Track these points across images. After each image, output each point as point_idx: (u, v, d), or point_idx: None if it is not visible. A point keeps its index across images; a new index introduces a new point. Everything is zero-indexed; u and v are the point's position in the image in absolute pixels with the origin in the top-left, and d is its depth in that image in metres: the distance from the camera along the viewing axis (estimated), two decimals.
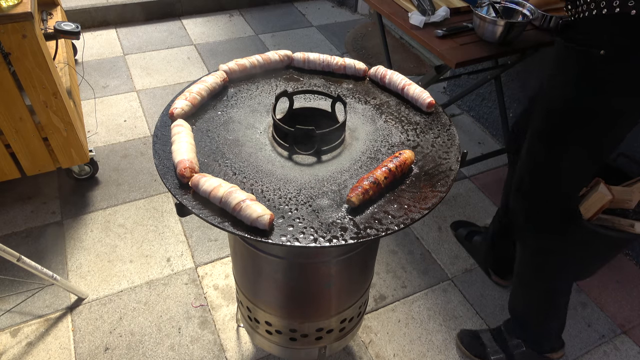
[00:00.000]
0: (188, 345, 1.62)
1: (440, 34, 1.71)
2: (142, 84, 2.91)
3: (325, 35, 3.58)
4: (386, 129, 1.05)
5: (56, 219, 2.03)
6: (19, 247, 1.89)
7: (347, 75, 1.21)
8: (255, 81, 1.18)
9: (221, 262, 1.91)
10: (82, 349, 1.60)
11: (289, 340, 1.25)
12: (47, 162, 1.94)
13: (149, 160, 2.34)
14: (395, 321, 1.74)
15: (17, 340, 1.61)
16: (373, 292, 1.82)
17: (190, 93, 1.04)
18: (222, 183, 0.82)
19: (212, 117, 1.05)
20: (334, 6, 4.02)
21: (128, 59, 3.13)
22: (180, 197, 0.84)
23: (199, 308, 1.74)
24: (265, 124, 1.05)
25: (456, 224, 2.10)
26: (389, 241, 2.03)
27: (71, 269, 1.84)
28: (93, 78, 2.92)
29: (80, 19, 3.29)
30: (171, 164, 0.90)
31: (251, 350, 1.63)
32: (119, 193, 2.17)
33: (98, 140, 2.46)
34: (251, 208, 0.78)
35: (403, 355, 1.63)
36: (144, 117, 2.65)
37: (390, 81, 1.14)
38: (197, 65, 3.12)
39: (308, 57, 1.20)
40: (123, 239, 1.97)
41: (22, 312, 1.69)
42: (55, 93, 1.73)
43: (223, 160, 0.94)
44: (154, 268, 1.87)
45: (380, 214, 0.83)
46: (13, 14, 1.49)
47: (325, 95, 1.06)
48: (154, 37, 3.39)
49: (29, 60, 1.60)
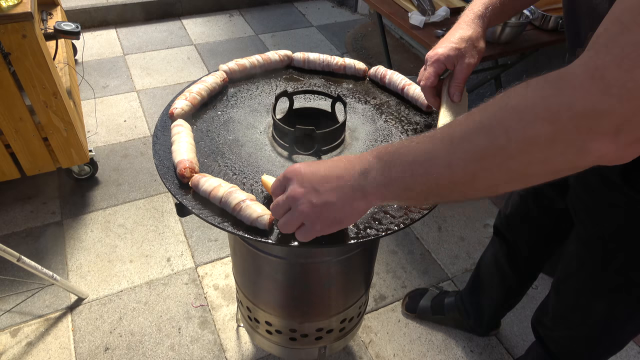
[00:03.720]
0: (188, 345, 1.62)
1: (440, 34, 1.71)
2: (142, 84, 2.91)
3: (325, 35, 3.58)
4: (386, 129, 1.05)
5: (56, 219, 2.03)
6: (19, 247, 1.88)
7: (347, 75, 1.21)
8: (255, 81, 1.18)
9: (221, 262, 1.91)
10: (82, 349, 1.60)
11: (289, 340, 1.25)
12: (47, 162, 1.94)
13: (149, 160, 2.34)
14: (395, 321, 1.74)
15: (17, 340, 1.61)
16: (373, 292, 1.82)
17: (190, 93, 1.04)
18: (222, 183, 0.82)
19: (212, 117, 1.05)
20: (334, 6, 4.02)
21: (128, 59, 3.13)
22: (180, 197, 0.84)
23: (199, 308, 1.74)
24: (265, 124, 1.05)
25: (411, 299, 1.78)
26: (389, 241, 2.03)
27: (71, 269, 1.84)
28: (93, 78, 2.92)
29: (80, 19, 3.29)
30: (171, 164, 0.90)
31: (251, 350, 1.63)
32: (119, 193, 2.17)
33: (98, 140, 2.46)
34: (251, 208, 0.77)
35: (403, 355, 1.63)
36: (144, 117, 2.65)
37: (390, 81, 1.14)
38: (197, 65, 3.12)
39: (308, 57, 1.20)
40: (123, 239, 1.97)
41: (22, 312, 1.69)
42: (55, 93, 1.73)
43: (223, 160, 0.94)
44: (154, 268, 1.87)
45: (380, 214, 0.83)
46: (13, 14, 1.49)
47: (325, 95, 1.06)
48: (154, 37, 3.39)
49: (29, 60, 1.60)
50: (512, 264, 1.38)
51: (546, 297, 1.22)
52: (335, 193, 0.63)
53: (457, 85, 0.93)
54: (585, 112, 0.44)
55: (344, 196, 0.63)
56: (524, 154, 0.48)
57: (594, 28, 0.46)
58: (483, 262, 1.51)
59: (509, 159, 0.49)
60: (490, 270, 1.47)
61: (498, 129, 0.50)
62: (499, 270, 1.43)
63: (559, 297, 1.13)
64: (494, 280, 1.46)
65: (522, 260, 1.37)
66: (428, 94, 0.97)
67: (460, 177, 0.53)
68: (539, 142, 0.47)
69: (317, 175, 0.65)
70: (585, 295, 1.05)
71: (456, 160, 0.53)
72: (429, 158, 0.55)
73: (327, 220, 0.65)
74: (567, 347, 1.20)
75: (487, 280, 1.50)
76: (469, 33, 0.91)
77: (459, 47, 0.90)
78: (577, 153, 0.46)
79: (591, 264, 0.99)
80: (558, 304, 1.14)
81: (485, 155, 0.51)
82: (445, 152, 0.54)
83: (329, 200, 0.63)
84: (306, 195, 0.64)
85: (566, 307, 1.12)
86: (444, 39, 0.93)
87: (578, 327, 1.12)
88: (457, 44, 0.90)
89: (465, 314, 1.64)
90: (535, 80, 0.49)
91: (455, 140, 0.53)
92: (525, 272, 1.42)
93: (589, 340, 1.13)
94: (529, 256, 1.35)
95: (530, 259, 1.36)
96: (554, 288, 1.15)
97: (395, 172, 0.58)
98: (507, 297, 1.52)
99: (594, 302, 1.03)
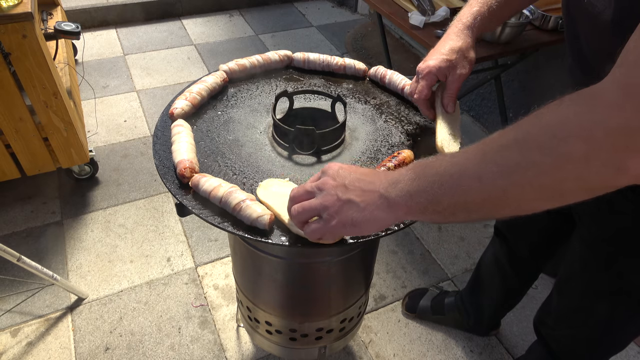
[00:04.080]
0: (188, 345, 1.62)
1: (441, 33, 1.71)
2: (142, 84, 2.91)
3: (325, 35, 3.58)
4: (386, 129, 1.05)
5: (56, 219, 2.03)
6: (19, 247, 1.89)
7: (347, 75, 1.21)
8: (255, 81, 1.18)
9: (221, 262, 1.91)
10: (82, 349, 1.60)
11: (289, 340, 1.25)
12: (47, 162, 1.94)
13: (149, 160, 2.34)
14: (395, 321, 1.74)
15: (17, 340, 1.61)
16: (373, 292, 1.82)
17: (190, 93, 1.04)
18: (222, 183, 0.82)
19: (212, 117, 1.05)
20: (334, 6, 4.02)
21: (128, 59, 3.13)
22: (181, 197, 0.84)
23: (199, 308, 1.74)
24: (265, 124, 1.05)
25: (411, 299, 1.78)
26: (389, 241, 2.03)
27: (71, 269, 1.84)
28: (93, 78, 2.92)
29: (80, 19, 3.29)
30: (171, 164, 0.90)
31: (251, 350, 1.63)
32: (119, 193, 2.17)
33: (98, 140, 2.46)
34: (251, 208, 0.78)
35: (403, 355, 1.63)
36: (144, 117, 2.65)
37: (390, 81, 1.14)
38: (197, 65, 3.12)
39: (308, 57, 1.20)
40: (123, 239, 1.97)
41: (22, 312, 1.69)
42: (55, 93, 1.73)
43: (223, 160, 0.94)
44: (154, 268, 1.87)
45: None
46: (13, 14, 1.49)
47: (325, 95, 1.06)
48: (154, 37, 3.39)
49: (29, 60, 1.60)
50: (512, 264, 1.38)
51: (548, 296, 1.22)
52: (361, 194, 0.63)
53: (450, 96, 0.94)
54: (619, 129, 0.44)
55: (369, 200, 0.63)
56: (557, 171, 0.48)
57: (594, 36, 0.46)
58: (483, 262, 1.51)
59: (541, 175, 0.49)
60: (490, 270, 1.47)
61: (531, 144, 0.49)
62: (500, 270, 1.43)
63: (562, 297, 1.14)
64: (495, 281, 1.46)
65: (522, 260, 1.37)
66: (422, 106, 0.98)
67: (490, 192, 0.53)
68: (572, 158, 0.47)
69: (352, 175, 0.66)
70: (587, 297, 1.05)
71: (487, 174, 0.52)
72: (460, 170, 0.55)
73: (344, 219, 0.64)
74: (569, 347, 1.20)
75: (487, 280, 1.50)
76: (459, 44, 0.92)
77: (450, 58, 0.90)
78: (614, 171, 0.46)
79: (594, 266, 0.99)
80: (560, 304, 1.15)
81: (517, 170, 0.50)
82: (476, 164, 0.53)
83: (354, 199, 0.63)
84: (335, 188, 0.65)
85: (568, 307, 1.13)
86: (433, 51, 0.93)
87: (580, 327, 1.12)
88: (448, 56, 0.90)
89: (465, 313, 1.65)
90: (568, 97, 0.48)
91: (487, 154, 0.53)
92: (526, 273, 1.42)
93: (590, 341, 1.14)
94: (529, 257, 1.35)
95: (531, 260, 1.36)
96: (557, 288, 1.15)
97: (424, 182, 0.58)
98: (507, 297, 1.52)
99: (595, 304, 1.04)
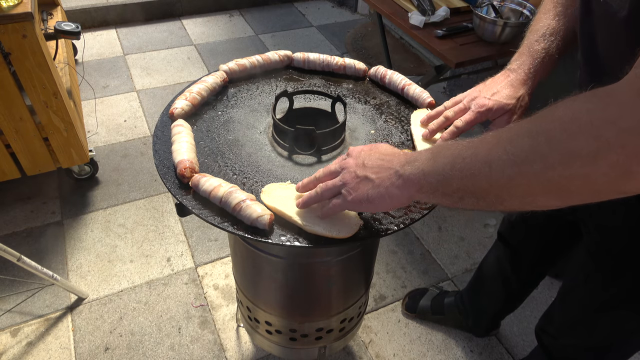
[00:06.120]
0: (188, 345, 1.62)
1: (440, 34, 1.71)
2: (142, 84, 2.91)
3: (325, 35, 3.58)
4: (386, 129, 1.05)
5: (56, 219, 2.03)
6: (19, 247, 1.89)
7: (347, 75, 1.21)
8: (255, 81, 1.18)
9: (221, 262, 1.91)
10: (82, 349, 1.60)
11: (289, 340, 1.25)
12: (47, 162, 1.94)
13: (149, 160, 2.34)
14: (395, 321, 1.74)
15: (17, 340, 1.61)
16: (373, 292, 1.83)
17: (190, 93, 1.04)
18: (222, 183, 0.82)
19: (212, 117, 1.05)
20: (334, 6, 4.02)
21: (128, 59, 3.13)
22: (181, 197, 0.84)
23: (199, 308, 1.74)
24: (265, 124, 1.05)
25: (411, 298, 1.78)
26: (389, 241, 2.03)
27: (71, 269, 1.84)
28: (93, 78, 2.92)
29: (80, 19, 3.29)
30: (171, 164, 0.90)
31: (251, 350, 1.63)
32: (119, 193, 2.18)
33: (98, 140, 2.46)
34: (251, 208, 0.78)
35: (403, 355, 1.63)
36: (144, 117, 2.65)
37: (390, 81, 1.14)
38: (197, 65, 3.12)
39: (308, 57, 1.20)
40: (123, 239, 1.97)
41: (22, 312, 1.69)
42: (55, 93, 1.73)
43: (223, 160, 0.94)
44: (154, 268, 1.87)
45: (380, 214, 0.83)
46: (13, 14, 1.49)
47: (325, 95, 1.06)
48: (154, 37, 3.39)
49: (29, 60, 1.60)
50: (515, 269, 1.38)
51: (551, 305, 1.21)
52: (378, 172, 0.68)
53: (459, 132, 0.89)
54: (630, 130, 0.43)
55: (384, 177, 0.67)
56: (564, 167, 0.48)
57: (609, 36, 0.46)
58: (485, 264, 1.51)
59: (548, 169, 0.49)
60: (492, 273, 1.47)
61: (541, 136, 0.49)
62: (502, 274, 1.42)
63: (564, 307, 1.13)
64: (496, 284, 1.46)
65: (525, 266, 1.36)
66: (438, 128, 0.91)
67: (497, 179, 0.53)
68: (580, 155, 0.46)
69: (373, 154, 0.71)
70: (590, 309, 1.04)
71: (496, 160, 0.53)
72: (472, 154, 0.57)
73: (360, 194, 0.69)
74: (572, 356, 1.20)
75: (488, 283, 1.50)
76: (520, 92, 0.89)
77: (508, 103, 0.88)
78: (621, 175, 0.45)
79: (599, 277, 0.99)
80: (563, 314, 1.14)
81: (525, 160, 0.50)
82: (488, 150, 0.55)
83: (370, 176, 0.68)
84: (355, 166, 0.71)
85: (571, 318, 1.12)
86: (492, 86, 0.90)
87: (583, 338, 1.12)
88: (508, 100, 0.88)
89: (465, 314, 1.65)
90: (583, 94, 0.48)
91: (501, 141, 0.54)
92: (528, 278, 1.41)
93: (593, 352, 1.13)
94: (532, 263, 1.34)
95: (534, 266, 1.36)
96: (560, 297, 1.15)
97: (438, 163, 0.60)
98: (508, 301, 1.51)
99: (598, 316, 1.03)
